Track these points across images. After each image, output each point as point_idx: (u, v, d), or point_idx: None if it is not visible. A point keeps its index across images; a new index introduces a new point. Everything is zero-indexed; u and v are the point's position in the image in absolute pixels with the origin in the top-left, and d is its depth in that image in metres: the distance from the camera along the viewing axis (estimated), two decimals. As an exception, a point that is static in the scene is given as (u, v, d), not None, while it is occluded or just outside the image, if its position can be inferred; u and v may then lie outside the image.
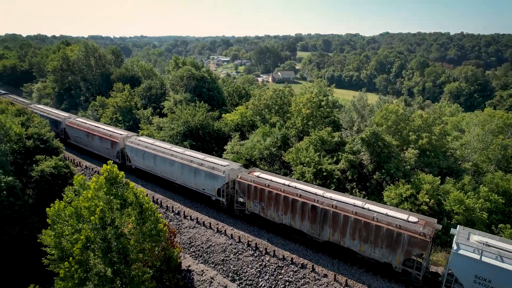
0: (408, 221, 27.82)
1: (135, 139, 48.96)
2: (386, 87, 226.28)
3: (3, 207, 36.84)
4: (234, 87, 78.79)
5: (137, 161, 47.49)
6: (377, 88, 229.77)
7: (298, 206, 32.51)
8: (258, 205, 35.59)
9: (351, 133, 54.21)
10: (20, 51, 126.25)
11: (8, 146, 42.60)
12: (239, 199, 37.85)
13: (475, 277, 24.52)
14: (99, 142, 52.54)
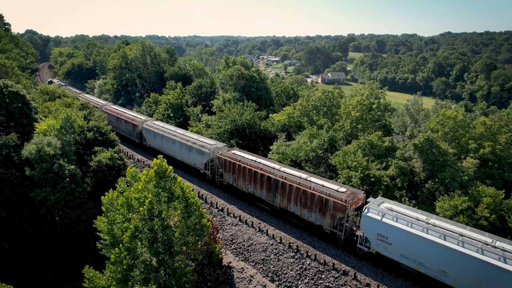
0: (336, 191, 33.33)
1: (150, 123, 58.31)
2: (444, 91, 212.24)
3: (66, 192, 40.04)
4: (282, 87, 78.63)
5: (150, 140, 56.38)
6: (434, 92, 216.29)
7: (258, 177, 38.78)
8: (232, 176, 42.46)
9: (403, 138, 51.59)
10: (86, 50, 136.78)
11: (72, 137, 46.25)
12: (219, 172, 44.84)
13: (377, 235, 29.83)
14: (124, 125, 61.30)
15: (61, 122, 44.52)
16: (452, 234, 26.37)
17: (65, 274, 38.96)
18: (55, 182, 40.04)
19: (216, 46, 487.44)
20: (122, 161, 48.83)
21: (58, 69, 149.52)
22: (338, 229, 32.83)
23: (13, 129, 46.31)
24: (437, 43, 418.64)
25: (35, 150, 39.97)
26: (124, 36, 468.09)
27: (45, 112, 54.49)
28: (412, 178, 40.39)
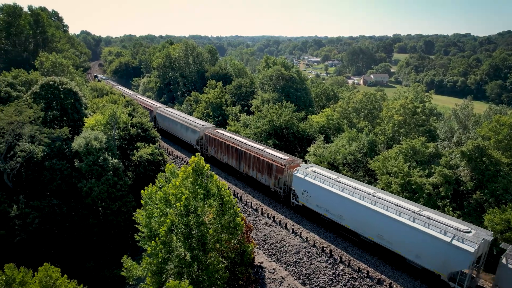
0: (280, 158, 41.85)
1: (162, 109, 69.76)
2: (499, 95, 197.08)
3: (109, 185, 42.19)
4: (322, 88, 77.39)
5: (161, 123, 67.31)
6: (487, 96, 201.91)
7: (230, 149, 48.37)
8: (213, 150, 52.40)
9: (449, 144, 48.81)
10: (133, 50, 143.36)
11: (117, 132, 48.63)
12: (206, 147, 54.61)
13: (302, 190, 37.95)
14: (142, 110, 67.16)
15: (107, 117, 46.91)
16: (348, 188, 33.97)
17: (106, 262, 41.05)
18: (100, 174, 42.34)
19: (257, 46, 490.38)
20: (162, 157, 50.60)
21: (107, 67, 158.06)
22: (280, 187, 40.80)
23: (66, 123, 49.57)
24: (494, 43, 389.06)
25: (84, 143, 42.47)
26: (168, 36, 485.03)
27: (94, 108, 57.73)
28: (457, 188, 37.99)
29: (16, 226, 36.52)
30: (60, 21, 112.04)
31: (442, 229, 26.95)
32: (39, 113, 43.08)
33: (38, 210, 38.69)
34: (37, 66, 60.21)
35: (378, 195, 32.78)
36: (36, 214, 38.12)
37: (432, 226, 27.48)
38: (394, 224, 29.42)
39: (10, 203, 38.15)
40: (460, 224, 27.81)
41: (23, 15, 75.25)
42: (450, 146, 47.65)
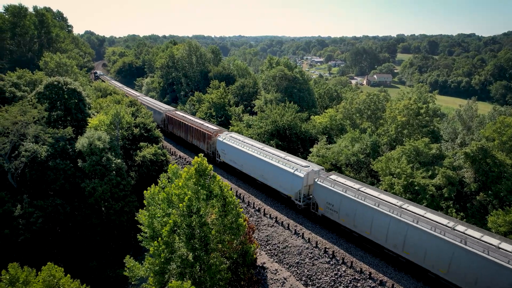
0: (211, 128, 54.95)
1: (142, 98, 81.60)
2: (504, 96, 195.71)
3: (112, 184, 42.36)
4: (325, 88, 77.28)
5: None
6: (491, 96, 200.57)
7: (182, 125, 60.53)
8: (172, 127, 65.05)
9: (453, 145, 48.60)
10: (136, 50, 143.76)
11: (120, 132, 48.79)
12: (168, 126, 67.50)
13: (221, 150, 50.22)
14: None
15: (111, 118, 47.09)
16: (246, 144, 46.09)
17: (108, 262, 41.22)
18: (103, 174, 42.50)
19: (260, 46, 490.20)
20: (165, 157, 50.73)
21: (110, 67, 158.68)
22: (211, 151, 52.86)
23: (69, 123, 49.83)
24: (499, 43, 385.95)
25: (87, 143, 42.65)
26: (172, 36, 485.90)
27: (97, 108, 57.96)
28: (461, 189, 37.82)
29: (20, 225, 36.73)
30: (65, 21, 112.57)
31: (290, 166, 38.64)
32: (43, 113, 43.33)
33: (42, 210, 38.92)
34: (42, 66, 60.55)
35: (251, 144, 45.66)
36: (40, 213, 38.35)
37: (286, 165, 39.10)
38: (268, 165, 40.96)
39: (14, 203, 38.38)
40: (304, 162, 39.67)
41: (28, 15, 75.71)
42: (454, 147, 47.44)
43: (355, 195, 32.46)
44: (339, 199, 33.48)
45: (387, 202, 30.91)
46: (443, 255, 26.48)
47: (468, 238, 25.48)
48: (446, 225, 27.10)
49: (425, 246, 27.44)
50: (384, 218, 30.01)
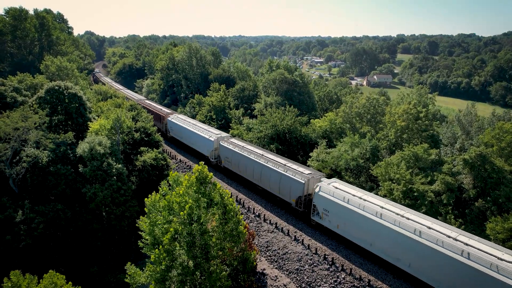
0: (166, 112, 70.92)
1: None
2: (504, 97, 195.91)
3: (113, 190, 42.54)
4: (325, 91, 77.49)
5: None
6: (491, 97, 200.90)
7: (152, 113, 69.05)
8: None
9: (452, 150, 48.80)
10: (137, 51, 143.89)
11: (121, 137, 48.99)
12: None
13: (171, 128, 66.09)
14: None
15: (112, 122, 47.29)
16: (189, 124, 60.32)
17: (109, 267, 41.42)
18: (104, 179, 42.69)
19: (260, 46, 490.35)
20: (165, 162, 50.88)
21: (110, 68, 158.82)
22: (166, 130, 64.32)
23: (70, 127, 50.05)
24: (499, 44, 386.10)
25: (88, 148, 42.83)
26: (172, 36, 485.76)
27: (98, 111, 58.19)
28: (460, 195, 38.04)
29: (21, 231, 36.92)
30: (65, 23, 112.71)
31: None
32: (45, 119, 43.54)
33: (43, 215, 39.11)
34: (43, 70, 60.76)
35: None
36: (41, 219, 38.55)
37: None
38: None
39: (15, 208, 38.58)
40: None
41: (28, 18, 75.88)
42: (453, 152, 47.67)
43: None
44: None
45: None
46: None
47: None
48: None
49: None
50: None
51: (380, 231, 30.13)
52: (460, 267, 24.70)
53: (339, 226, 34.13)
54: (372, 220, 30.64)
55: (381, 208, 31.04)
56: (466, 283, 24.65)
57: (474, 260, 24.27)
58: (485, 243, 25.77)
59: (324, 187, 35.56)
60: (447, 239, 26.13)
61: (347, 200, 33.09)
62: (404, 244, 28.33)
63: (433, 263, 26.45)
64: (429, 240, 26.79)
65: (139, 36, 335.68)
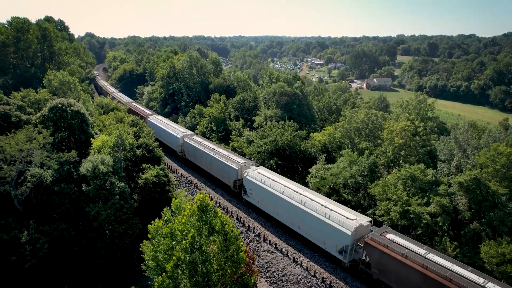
0: (144, 111, 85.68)
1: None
2: (503, 101, 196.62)
3: (115, 208, 43.38)
4: (324, 102, 78.30)
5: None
6: (490, 101, 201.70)
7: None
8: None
9: (449, 167, 49.53)
10: (137, 57, 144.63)
11: (123, 153, 49.80)
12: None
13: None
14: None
15: (114, 140, 48.06)
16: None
17: (113, 284, 42.31)
18: (107, 198, 43.51)
19: (260, 47, 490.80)
20: (166, 177, 51.72)
21: (111, 73, 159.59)
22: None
23: (73, 143, 50.85)
24: (499, 45, 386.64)
25: (91, 168, 43.65)
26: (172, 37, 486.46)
27: (100, 125, 58.96)
28: (455, 216, 38.88)
29: (27, 251, 37.75)
30: (66, 31, 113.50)
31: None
32: (49, 139, 44.31)
33: (48, 235, 39.94)
34: (45, 84, 61.54)
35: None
36: (46, 239, 39.36)
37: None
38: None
39: (20, 229, 39.43)
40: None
41: (31, 29, 76.64)
42: (450, 169, 48.42)
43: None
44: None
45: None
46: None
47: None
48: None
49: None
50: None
51: (282, 203, 41.19)
52: (325, 224, 36.12)
53: (259, 201, 45.24)
54: (277, 195, 41.74)
55: (284, 187, 42.05)
56: (329, 234, 35.96)
57: (333, 220, 35.87)
58: (344, 209, 37.76)
59: (251, 173, 46.71)
60: (320, 207, 37.50)
61: (264, 181, 44.13)
62: (296, 212, 39.36)
63: (311, 224, 37.58)
64: (309, 208, 38.08)
65: (139, 38, 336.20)
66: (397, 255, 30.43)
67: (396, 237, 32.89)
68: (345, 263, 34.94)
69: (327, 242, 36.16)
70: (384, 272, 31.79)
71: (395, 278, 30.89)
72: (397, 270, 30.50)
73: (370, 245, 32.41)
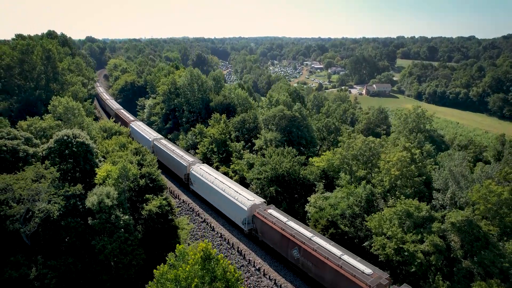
0: (129, 118, 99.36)
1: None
2: (501, 108, 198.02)
3: (121, 241, 44.85)
4: (324, 123, 79.78)
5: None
6: (489, 108, 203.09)
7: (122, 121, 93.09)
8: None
9: (443, 198, 50.97)
10: (138, 68, 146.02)
11: (127, 184, 51.24)
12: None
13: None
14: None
15: (118, 172, 49.46)
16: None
17: (118, 316, 43.81)
18: (112, 231, 44.98)
19: (261, 50, 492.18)
20: (169, 207, 53.24)
21: (112, 83, 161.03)
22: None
23: (78, 173, 52.28)
24: (498, 48, 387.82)
25: (96, 202, 45.10)
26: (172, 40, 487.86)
27: (103, 151, 60.36)
28: (448, 255, 40.32)
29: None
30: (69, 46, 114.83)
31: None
32: (56, 174, 45.75)
33: (55, 270, 41.42)
34: (50, 110, 62.95)
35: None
36: (53, 274, 40.85)
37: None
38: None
39: (29, 264, 40.92)
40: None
41: (35, 50, 78.05)
42: (445, 200, 49.86)
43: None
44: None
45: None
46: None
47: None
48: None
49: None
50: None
51: (212, 191, 56.33)
52: (234, 204, 51.52)
53: (199, 190, 60.56)
54: (209, 185, 56.94)
55: (214, 179, 57.22)
56: (236, 210, 51.26)
57: (238, 200, 51.29)
58: (249, 193, 53.40)
59: (195, 168, 61.95)
60: (233, 192, 52.84)
61: (202, 175, 59.59)
62: (219, 196, 54.55)
63: (227, 204, 53.38)
64: (226, 193, 53.30)
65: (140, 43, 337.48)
66: (269, 222, 45.60)
67: (273, 211, 48.71)
68: (246, 230, 50.21)
69: (236, 217, 51.23)
70: (263, 234, 47.37)
71: (268, 237, 46.39)
72: (269, 232, 45.89)
73: (257, 217, 47.93)
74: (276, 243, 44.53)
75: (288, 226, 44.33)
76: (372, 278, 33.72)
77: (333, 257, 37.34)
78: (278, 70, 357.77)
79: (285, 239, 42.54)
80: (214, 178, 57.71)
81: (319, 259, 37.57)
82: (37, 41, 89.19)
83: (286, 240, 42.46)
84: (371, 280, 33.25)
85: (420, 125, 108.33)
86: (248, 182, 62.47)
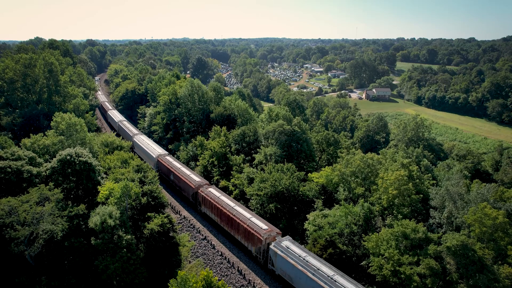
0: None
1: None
2: (500, 114, 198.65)
3: (123, 261, 45.73)
4: (323, 135, 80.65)
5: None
6: (488, 114, 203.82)
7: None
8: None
9: (440, 216, 51.85)
10: (139, 75, 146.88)
11: (129, 202, 52.14)
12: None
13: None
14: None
15: (120, 191, 50.35)
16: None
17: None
18: (114, 251, 45.87)
19: (261, 52, 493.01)
20: (171, 224, 54.12)
21: (113, 89, 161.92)
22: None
23: (81, 191, 53.16)
24: (498, 51, 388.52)
25: (99, 222, 45.98)
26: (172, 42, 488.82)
27: (105, 167, 61.22)
28: (444, 277, 41.18)
29: (40, 310, 40.13)
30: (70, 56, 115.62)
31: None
32: (59, 196, 46.63)
33: (59, 291, 42.33)
34: (53, 126, 63.83)
35: None
36: (57, 295, 41.76)
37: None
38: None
39: (33, 286, 41.78)
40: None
41: (38, 64, 78.97)
42: (441, 219, 50.74)
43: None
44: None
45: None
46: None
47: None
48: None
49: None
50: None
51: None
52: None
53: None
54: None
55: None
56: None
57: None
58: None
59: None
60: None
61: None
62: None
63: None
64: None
65: (140, 46, 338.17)
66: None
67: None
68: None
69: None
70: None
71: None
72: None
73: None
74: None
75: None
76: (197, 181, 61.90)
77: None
78: (278, 73, 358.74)
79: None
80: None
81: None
82: (39, 54, 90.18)
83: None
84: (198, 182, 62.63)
85: (419, 133, 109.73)
86: (248, 198, 63.30)
